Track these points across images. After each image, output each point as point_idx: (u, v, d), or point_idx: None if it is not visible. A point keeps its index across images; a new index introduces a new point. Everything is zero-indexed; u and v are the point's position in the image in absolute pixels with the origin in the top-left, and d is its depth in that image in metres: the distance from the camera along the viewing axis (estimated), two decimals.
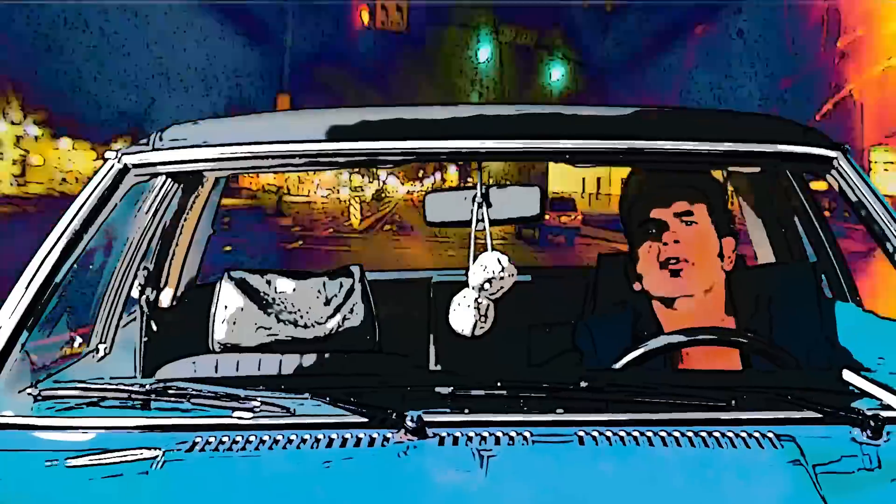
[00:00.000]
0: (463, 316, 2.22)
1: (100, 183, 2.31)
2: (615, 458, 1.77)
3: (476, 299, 2.20)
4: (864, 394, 1.91)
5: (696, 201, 2.52)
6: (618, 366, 2.21)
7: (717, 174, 2.80)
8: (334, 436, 1.83)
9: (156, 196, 2.83)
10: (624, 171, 2.75)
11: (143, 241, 2.92)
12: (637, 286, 2.56)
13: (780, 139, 2.38)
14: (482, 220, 2.26)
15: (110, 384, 2.02)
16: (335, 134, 2.34)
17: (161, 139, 2.37)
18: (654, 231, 2.51)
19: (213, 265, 3.32)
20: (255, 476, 1.76)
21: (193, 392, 1.94)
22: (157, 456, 1.80)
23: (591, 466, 1.76)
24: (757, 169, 2.68)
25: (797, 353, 2.27)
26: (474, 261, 2.22)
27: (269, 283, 2.40)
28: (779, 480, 1.72)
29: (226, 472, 1.76)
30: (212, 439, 1.84)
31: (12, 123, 41.07)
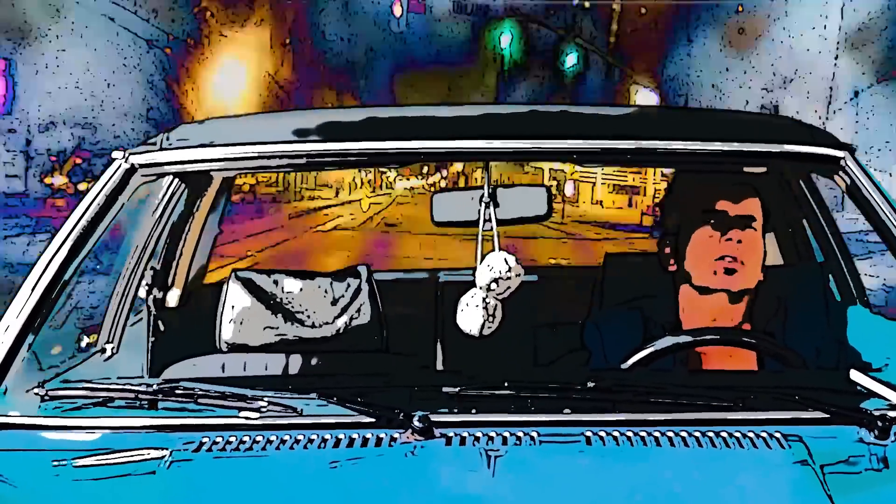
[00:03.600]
0: (471, 316, 2.21)
1: (107, 183, 2.31)
2: (622, 459, 1.76)
3: (483, 299, 2.20)
4: (871, 394, 1.90)
5: (756, 204, 2.46)
6: (625, 366, 2.20)
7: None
8: (341, 436, 1.83)
9: (163, 196, 2.83)
10: None
11: (151, 240, 2.92)
12: (672, 266, 2.48)
13: (788, 139, 2.38)
14: (489, 220, 2.26)
15: (117, 384, 2.02)
16: (342, 134, 2.34)
17: (168, 139, 2.37)
18: (716, 222, 2.42)
19: None
20: (262, 476, 1.75)
21: (200, 392, 1.94)
22: (164, 456, 1.80)
23: (598, 466, 1.75)
24: (764, 169, 2.67)
25: (808, 354, 2.25)
26: (481, 261, 2.22)
27: (276, 283, 2.40)
28: (786, 480, 1.72)
29: (233, 473, 1.76)
30: (219, 439, 1.84)
31: None
